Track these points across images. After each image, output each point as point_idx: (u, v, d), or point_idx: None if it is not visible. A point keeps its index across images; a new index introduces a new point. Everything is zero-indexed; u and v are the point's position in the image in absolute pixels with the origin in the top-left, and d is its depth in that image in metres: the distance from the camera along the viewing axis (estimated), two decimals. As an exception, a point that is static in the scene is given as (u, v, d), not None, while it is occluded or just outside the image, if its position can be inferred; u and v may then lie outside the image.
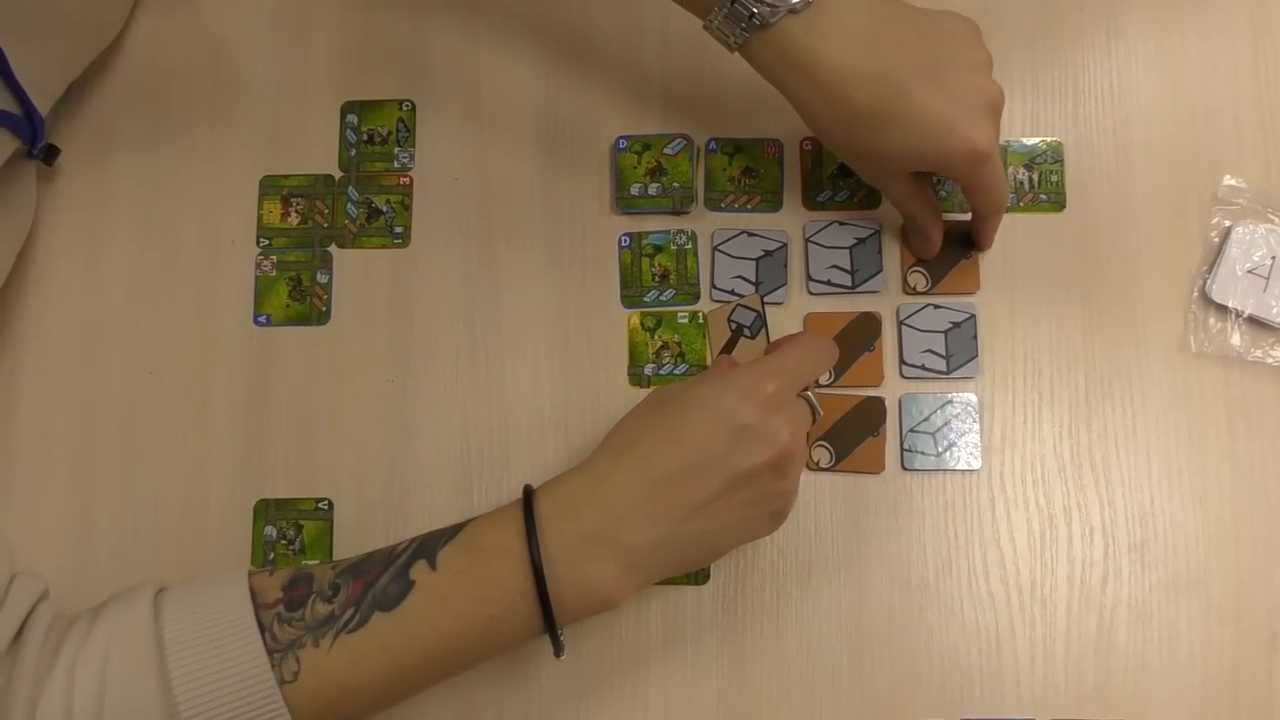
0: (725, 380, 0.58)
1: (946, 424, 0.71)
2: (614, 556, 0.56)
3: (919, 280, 0.72)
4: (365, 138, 0.76)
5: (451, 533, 0.57)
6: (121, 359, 0.74)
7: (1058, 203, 0.74)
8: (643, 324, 0.73)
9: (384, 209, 0.75)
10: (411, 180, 0.76)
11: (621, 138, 0.75)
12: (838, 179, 0.74)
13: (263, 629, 0.54)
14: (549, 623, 0.56)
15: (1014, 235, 0.73)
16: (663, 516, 0.56)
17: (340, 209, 0.75)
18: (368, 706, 0.56)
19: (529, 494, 0.58)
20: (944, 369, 0.72)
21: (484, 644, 0.56)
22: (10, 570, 0.56)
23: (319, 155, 0.76)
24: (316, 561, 0.57)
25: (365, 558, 0.57)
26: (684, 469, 0.56)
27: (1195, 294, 0.72)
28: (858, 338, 0.72)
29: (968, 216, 0.72)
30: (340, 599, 0.55)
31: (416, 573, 0.56)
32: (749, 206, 0.74)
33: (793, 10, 0.60)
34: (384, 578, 0.56)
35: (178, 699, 0.51)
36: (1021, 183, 0.74)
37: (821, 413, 0.63)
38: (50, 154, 0.73)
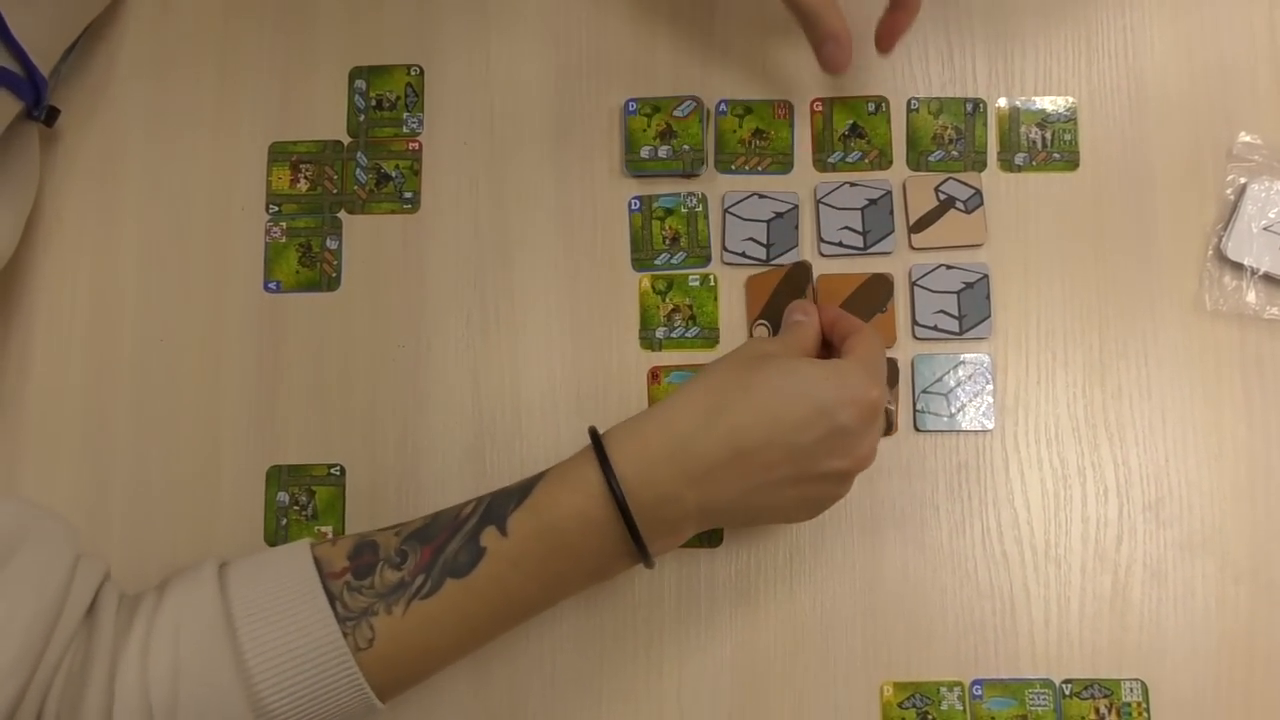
0: (838, 374, 0.57)
1: (959, 385, 0.71)
2: (680, 517, 0.56)
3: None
4: (374, 103, 0.76)
5: (520, 494, 0.57)
6: (133, 327, 0.74)
7: (1071, 161, 0.73)
8: (654, 287, 0.73)
9: (393, 174, 0.75)
10: (421, 145, 0.75)
11: (631, 100, 0.74)
12: (849, 140, 0.74)
13: (332, 598, 0.53)
14: (644, 557, 0.57)
15: (1027, 194, 0.73)
16: (736, 486, 0.56)
17: (349, 175, 0.75)
18: (438, 666, 0.57)
19: (599, 448, 0.56)
20: (957, 329, 0.71)
21: (550, 598, 0.59)
22: (76, 550, 0.55)
23: (328, 121, 0.76)
24: (375, 530, 0.58)
25: (429, 522, 0.57)
26: (770, 447, 0.56)
27: (1210, 252, 0.72)
28: (870, 299, 0.72)
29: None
30: (409, 565, 0.55)
31: (487, 539, 0.55)
32: (759, 168, 0.74)
33: None
34: (453, 543, 0.55)
35: (251, 671, 0.51)
36: (1034, 141, 0.73)
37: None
38: (51, 116, 0.73)
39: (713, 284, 0.73)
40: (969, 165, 0.73)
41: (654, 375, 0.72)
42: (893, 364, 0.71)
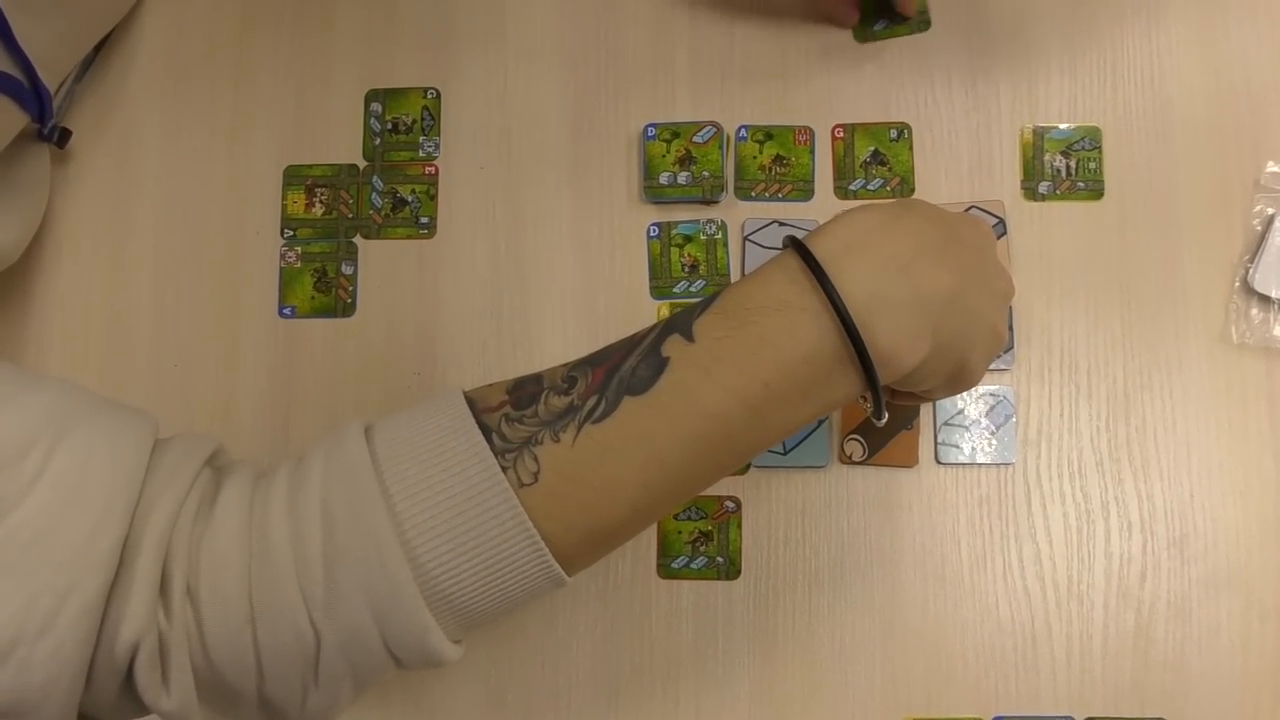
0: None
1: (981, 417, 0.70)
2: (907, 304, 0.48)
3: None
4: (390, 126, 0.75)
5: (704, 305, 0.49)
6: (147, 351, 0.73)
7: (1096, 191, 0.72)
8: (672, 315, 0.72)
9: (409, 199, 0.74)
10: (437, 169, 0.75)
11: (650, 125, 0.73)
12: (870, 167, 0.73)
13: (487, 431, 0.46)
14: (864, 364, 0.47)
15: (1051, 224, 0.72)
16: (953, 268, 0.49)
17: (365, 199, 0.74)
18: (627, 514, 0.48)
19: (794, 240, 0.49)
20: (979, 361, 0.70)
21: (756, 423, 0.48)
22: (151, 434, 0.47)
23: (343, 144, 0.75)
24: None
25: (599, 351, 0.49)
26: (957, 240, 0.51)
27: (1237, 284, 0.71)
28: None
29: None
30: (579, 389, 0.47)
31: (670, 348, 0.47)
32: (780, 195, 0.73)
33: None
34: (630, 360, 0.47)
35: (401, 515, 0.44)
36: (1059, 170, 0.72)
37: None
38: (63, 137, 0.72)
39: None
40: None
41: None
42: (914, 396, 0.70)
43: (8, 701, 0.42)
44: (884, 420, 0.51)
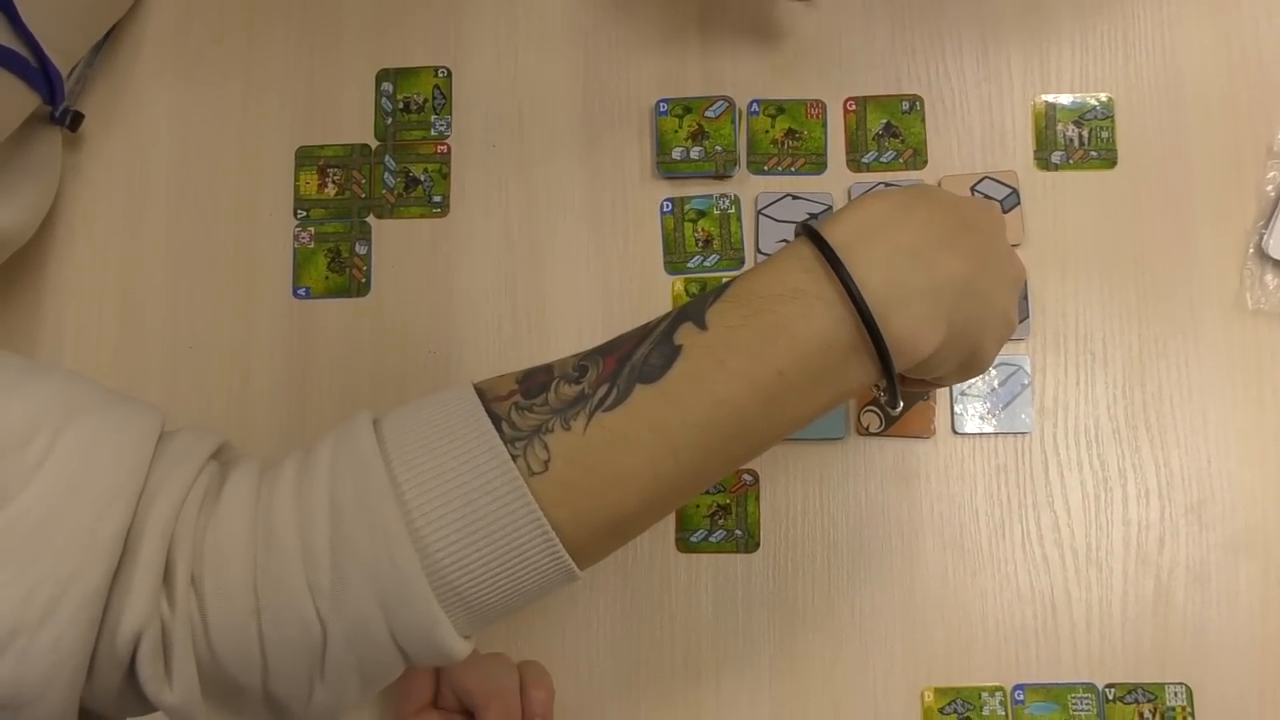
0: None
1: (998, 387, 0.70)
2: (922, 292, 0.47)
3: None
4: (401, 106, 0.75)
5: (717, 293, 0.48)
6: (162, 334, 0.73)
7: (1109, 160, 0.72)
8: (687, 291, 0.72)
9: (422, 178, 0.74)
10: (449, 148, 0.75)
11: (662, 101, 0.73)
12: (883, 139, 0.73)
13: (497, 420, 0.45)
14: (880, 352, 0.47)
15: (1064, 193, 0.72)
16: (966, 254, 0.49)
17: (377, 179, 0.74)
18: (638, 505, 0.47)
19: (807, 228, 0.48)
20: (995, 331, 0.70)
21: (770, 412, 0.47)
22: (157, 425, 0.46)
23: (355, 124, 0.75)
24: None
25: (611, 340, 0.49)
26: (975, 225, 0.51)
27: (1251, 250, 0.71)
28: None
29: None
30: (590, 378, 0.46)
31: (683, 336, 0.47)
32: (793, 169, 0.73)
33: None
34: (642, 348, 0.47)
35: (409, 504, 0.44)
36: (1071, 139, 0.72)
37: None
38: (75, 120, 0.72)
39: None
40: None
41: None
42: (925, 383, 0.69)
43: (7, 693, 0.40)
44: (899, 409, 0.51)
